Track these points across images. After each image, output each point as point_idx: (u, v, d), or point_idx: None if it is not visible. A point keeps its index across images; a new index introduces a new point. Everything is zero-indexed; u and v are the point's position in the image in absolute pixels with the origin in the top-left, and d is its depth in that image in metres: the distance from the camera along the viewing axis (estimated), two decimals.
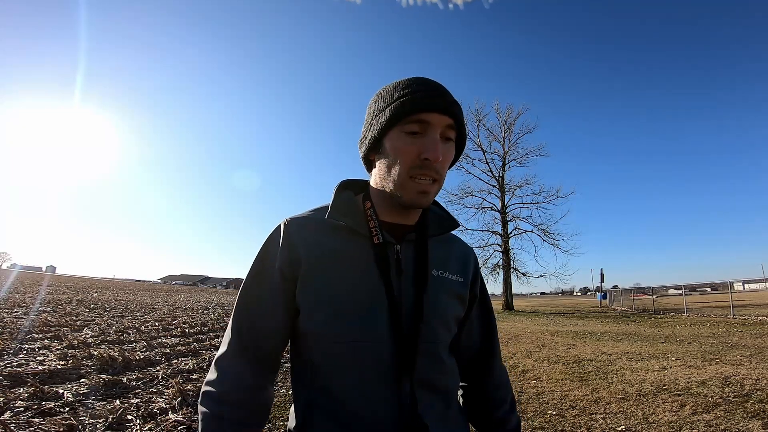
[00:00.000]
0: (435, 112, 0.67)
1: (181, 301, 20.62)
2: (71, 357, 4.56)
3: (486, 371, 0.87)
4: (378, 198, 0.77)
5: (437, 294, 0.74)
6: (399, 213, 0.76)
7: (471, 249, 0.88)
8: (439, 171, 0.69)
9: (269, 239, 0.75)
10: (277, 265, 0.71)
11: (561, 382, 4.67)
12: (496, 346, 0.89)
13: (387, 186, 0.72)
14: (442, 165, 0.69)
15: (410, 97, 0.67)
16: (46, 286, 25.21)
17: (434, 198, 0.74)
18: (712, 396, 3.90)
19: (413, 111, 0.67)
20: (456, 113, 0.69)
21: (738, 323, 11.53)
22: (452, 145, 0.72)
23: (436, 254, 0.78)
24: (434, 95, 0.68)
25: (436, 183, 0.70)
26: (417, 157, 0.67)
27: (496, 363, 0.88)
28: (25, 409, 2.91)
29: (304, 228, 0.73)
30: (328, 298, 0.69)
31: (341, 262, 0.71)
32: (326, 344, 0.68)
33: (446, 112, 0.68)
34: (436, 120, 0.67)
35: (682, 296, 18.07)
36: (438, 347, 0.73)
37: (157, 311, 12.51)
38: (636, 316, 16.46)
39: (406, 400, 0.67)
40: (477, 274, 0.86)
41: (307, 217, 0.76)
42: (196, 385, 3.77)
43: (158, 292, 34.50)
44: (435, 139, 0.67)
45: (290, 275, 0.71)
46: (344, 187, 0.80)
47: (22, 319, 7.64)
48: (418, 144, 0.67)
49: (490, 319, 0.89)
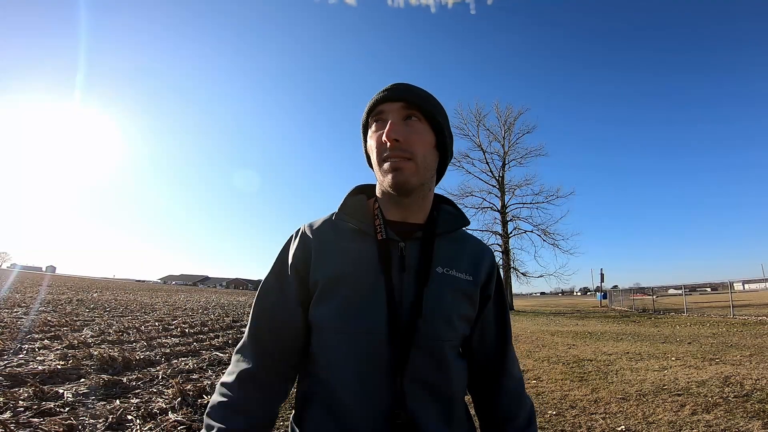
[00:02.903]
0: (386, 102, 0.75)
1: (181, 301, 20.61)
2: (71, 357, 4.55)
3: (497, 379, 0.82)
4: (383, 198, 0.80)
5: (441, 291, 0.74)
6: (404, 210, 0.78)
7: (488, 249, 0.85)
8: (407, 149, 0.72)
9: (285, 244, 0.82)
10: (291, 265, 0.77)
11: (561, 382, 4.67)
12: (510, 352, 0.84)
13: (378, 179, 0.77)
14: (410, 143, 0.72)
15: (372, 99, 0.77)
16: (46, 286, 25.20)
17: (414, 178, 0.73)
18: (712, 396, 3.90)
19: (372, 108, 0.77)
20: (405, 96, 0.74)
21: (738, 323, 11.54)
22: (418, 124, 0.75)
23: (444, 252, 0.78)
24: (386, 90, 0.76)
25: (410, 161, 0.72)
26: (382, 143, 0.73)
27: (510, 371, 0.83)
28: (25, 409, 2.90)
29: (316, 230, 0.79)
30: (333, 292, 0.72)
31: (347, 258, 0.74)
32: (327, 336, 0.72)
33: (396, 99, 0.74)
34: (388, 108, 0.75)
35: (682, 296, 18.06)
36: (441, 346, 0.72)
37: (157, 311, 12.50)
38: (636, 316, 16.46)
39: (399, 396, 0.68)
40: (492, 274, 0.82)
41: (319, 221, 0.82)
42: (196, 385, 3.77)
43: (158, 292, 34.49)
44: (390, 122, 0.73)
45: (303, 272, 0.76)
46: (358, 191, 0.85)
47: (22, 319, 7.63)
48: (380, 132, 0.74)
49: (504, 323, 0.84)
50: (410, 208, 0.78)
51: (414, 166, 0.72)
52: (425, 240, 0.77)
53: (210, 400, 0.73)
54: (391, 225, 0.77)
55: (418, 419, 0.68)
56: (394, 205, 0.78)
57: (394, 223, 0.78)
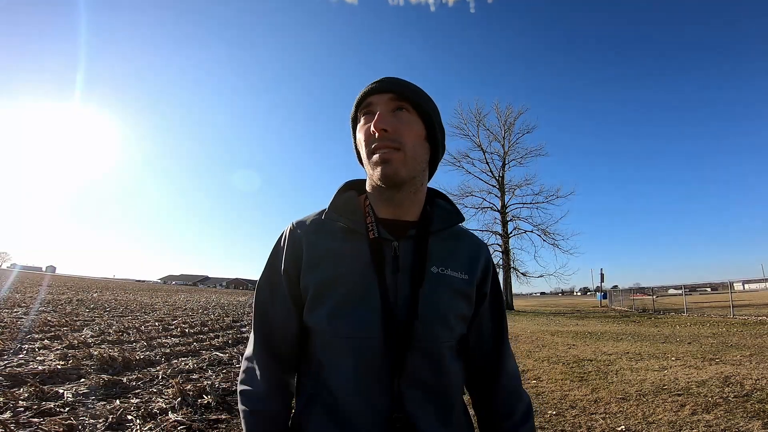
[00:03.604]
0: (375, 94, 0.74)
1: (181, 301, 20.62)
2: (71, 357, 4.55)
3: (495, 376, 0.82)
4: (373, 194, 0.78)
5: (436, 291, 0.73)
6: (396, 206, 0.77)
7: (483, 245, 0.84)
8: (396, 139, 0.71)
9: (276, 244, 0.80)
10: (283, 268, 0.76)
11: (561, 382, 4.67)
12: (506, 349, 0.84)
13: (368, 174, 0.76)
14: (398, 133, 0.71)
15: (361, 91, 0.77)
16: (46, 286, 25.21)
17: (404, 169, 0.71)
18: (712, 396, 3.90)
19: (361, 101, 0.76)
20: (393, 88, 0.74)
21: (738, 323, 11.54)
22: (406, 114, 0.74)
23: (438, 250, 0.77)
24: (376, 82, 0.76)
25: (399, 152, 0.71)
26: (370, 134, 0.72)
27: (506, 368, 0.83)
28: (25, 409, 2.90)
29: (306, 229, 0.77)
30: (326, 295, 0.71)
31: (339, 260, 0.73)
32: (325, 339, 0.71)
33: (385, 90, 0.74)
34: (377, 99, 0.74)
35: (682, 296, 18.06)
36: (438, 347, 0.72)
37: (157, 311, 12.50)
38: (636, 316, 16.47)
39: (398, 398, 0.68)
40: (488, 271, 0.81)
41: (309, 220, 0.79)
42: (196, 385, 3.76)
43: (158, 292, 34.51)
44: (378, 113, 0.72)
45: (294, 276, 0.75)
46: (348, 188, 0.82)
47: (22, 319, 7.64)
48: (369, 123, 0.73)
49: (500, 321, 0.84)
50: (402, 204, 0.76)
51: (402, 156, 0.71)
52: (419, 238, 0.75)
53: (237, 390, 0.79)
54: (383, 223, 0.76)
55: (416, 420, 0.68)
56: (386, 202, 0.76)
57: (386, 220, 0.76)
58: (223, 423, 3.08)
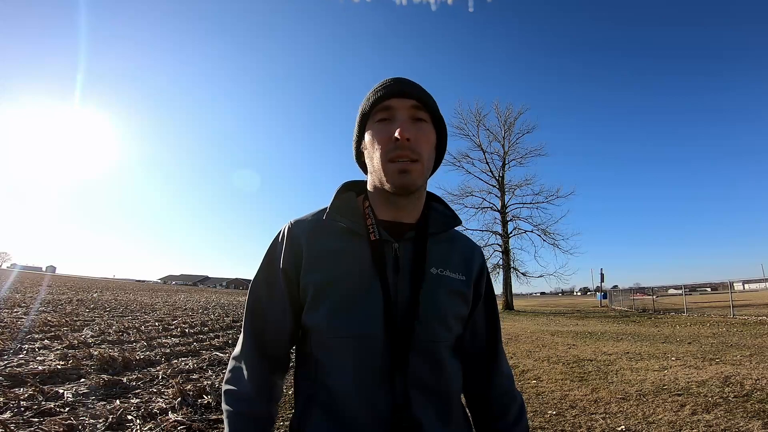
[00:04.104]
0: (396, 97, 0.73)
1: (181, 301, 20.61)
2: (71, 357, 4.56)
3: (489, 376, 0.83)
4: (375, 196, 0.79)
5: (435, 292, 0.74)
6: (397, 209, 0.77)
7: (477, 247, 0.86)
8: (415, 150, 0.71)
9: (274, 242, 0.79)
10: (281, 267, 0.75)
11: (561, 382, 4.67)
12: (500, 350, 0.85)
13: (375, 178, 0.75)
14: (418, 144, 0.71)
15: (376, 90, 0.76)
16: (46, 286, 25.20)
17: (420, 180, 0.73)
18: (712, 396, 3.90)
19: (378, 101, 0.74)
20: (417, 95, 0.74)
21: (738, 323, 11.54)
22: (426, 125, 0.75)
23: (436, 252, 0.78)
24: (395, 83, 0.75)
25: (417, 163, 0.71)
26: (389, 139, 0.71)
27: (500, 369, 0.85)
28: (25, 409, 2.91)
29: (306, 229, 0.77)
30: (327, 295, 0.71)
31: (340, 261, 0.73)
32: (325, 340, 0.71)
33: (407, 95, 0.73)
34: (398, 104, 0.73)
35: (682, 296, 18.07)
36: (437, 347, 0.72)
37: (157, 311, 12.50)
38: (636, 316, 16.46)
39: (400, 399, 0.68)
40: (482, 272, 0.83)
41: (308, 219, 0.79)
42: (196, 385, 3.77)
43: (158, 292, 34.49)
44: (402, 119, 0.72)
45: (293, 275, 0.74)
46: (347, 189, 0.83)
47: (22, 319, 7.64)
48: (388, 128, 0.72)
49: (494, 320, 0.86)
50: (405, 208, 0.77)
51: (421, 167, 0.72)
52: (418, 240, 0.76)
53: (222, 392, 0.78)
54: (383, 225, 0.76)
55: (418, 421, 0.68)
56: (387, 204, 0.77)
57: (385, 222, 0.77)
58: (223, 423, 3.08)
